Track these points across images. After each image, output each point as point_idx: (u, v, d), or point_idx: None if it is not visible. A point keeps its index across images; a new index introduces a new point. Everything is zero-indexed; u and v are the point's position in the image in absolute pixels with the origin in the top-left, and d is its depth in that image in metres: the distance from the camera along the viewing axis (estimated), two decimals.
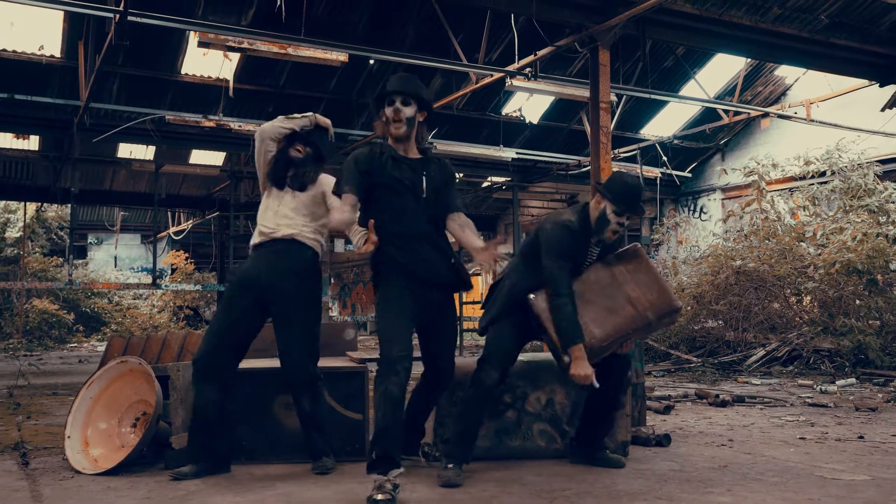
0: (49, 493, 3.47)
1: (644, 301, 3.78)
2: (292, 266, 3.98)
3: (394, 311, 3.60)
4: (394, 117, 3.72)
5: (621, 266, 3.88)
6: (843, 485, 3.56)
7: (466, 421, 3.84)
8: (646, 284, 3.82)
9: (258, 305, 3.98)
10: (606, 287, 3.84)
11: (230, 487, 3.58)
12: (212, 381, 3.83)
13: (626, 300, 3.79)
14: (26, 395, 7.63)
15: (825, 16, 9.66)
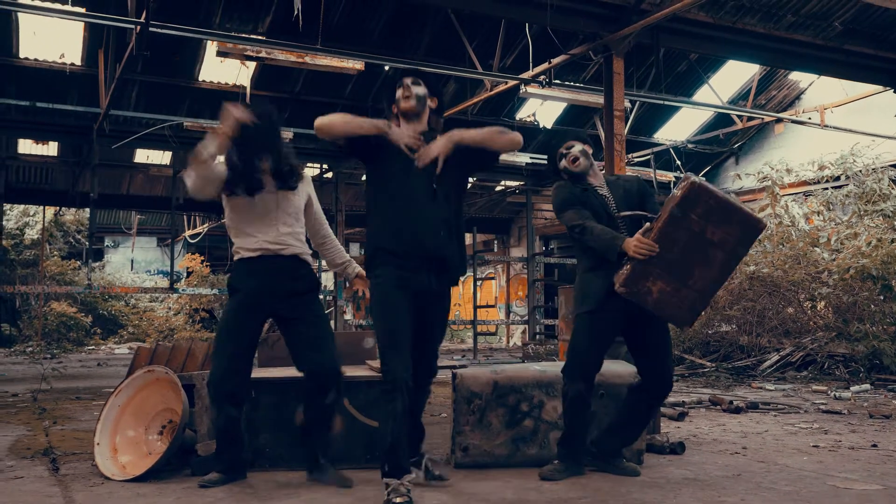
0: (81, 498, 3.59)
1: (730, 240, 3.69)
2: (301, 285, 4.01)
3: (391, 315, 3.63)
4: (404, 93, 3.78)
5: (691, 214, 3.67)
6: (856, 494, 3.63)
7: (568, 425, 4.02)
8: (723, 220, 3.67)
9: (265, 320, 4.08)
10: (688, 244, 3.69)
11: (255, 494, 3.69)
12: (229, 400, 3.89)
13: (712, 247, 3.69)
14: (50, 400, 7.78)
15: (839, 23, 9.70)
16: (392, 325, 3.61)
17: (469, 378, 4.36)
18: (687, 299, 3.72)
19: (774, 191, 12.15)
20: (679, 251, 3.67)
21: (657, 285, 3.69)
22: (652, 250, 3.67)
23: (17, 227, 21.96)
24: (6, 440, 5.27)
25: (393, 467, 3.46)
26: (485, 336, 21.88)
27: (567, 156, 4.12)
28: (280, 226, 4.00)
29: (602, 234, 3.85)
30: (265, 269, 3.97)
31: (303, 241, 4.12)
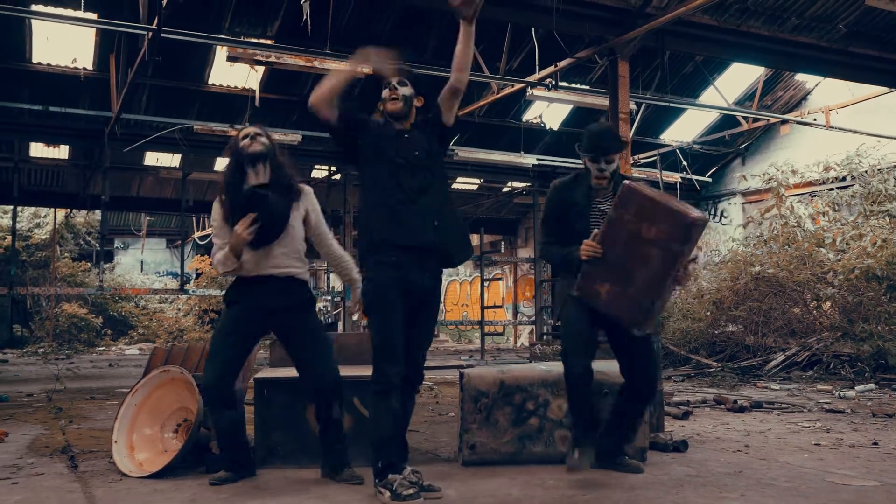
0: (101, 494, 3.70)
1: (663, 237, 3.68)
2: (294, 302, 4.10)
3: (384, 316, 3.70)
4: (390, 95, 3.82)
5: (626, 215, 3.73)
6: (853, 490, 3.72)
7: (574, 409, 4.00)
8: (655, 216, 3.69)
9: (259, 334, 4.17)
10: (626, 243, 3.74)
11: (267, 491, 3.79)
12: (225, 403, 3.99)
13: (648, 245, 3.70)
14: (65, 399, 7.92)
15: (843, 25, 9.77)
16: (385, 326, 3.68)
17: (476, 377, 4.47)
18: (634, 300, 3.75)
19: (780, 192, 12.21)
20: (620, 252, 3.75)
21: (604, 287, 3.79)
22: (595, 251, 3.76)
23: (28, 229, 22.16)
24: (25, 439, 5.40)
25: (389, 464, 3.58)
26: (492, 336, 21.98)
27: (602, 170, 4.04)
28: (275, 248, 4.06)
29: (556, 254, 4.05)
30: (259, 289, 4.06)
31: (300, 260, 4.16)
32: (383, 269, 3.70)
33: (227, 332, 4.05)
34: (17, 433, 5.62)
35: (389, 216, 3.72)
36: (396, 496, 3.45)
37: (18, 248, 19.17)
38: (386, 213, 3.73)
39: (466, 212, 22.01)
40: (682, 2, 8.38)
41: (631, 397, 4.09)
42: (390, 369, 3.66)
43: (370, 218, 3.80)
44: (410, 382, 3.84)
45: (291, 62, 9.29)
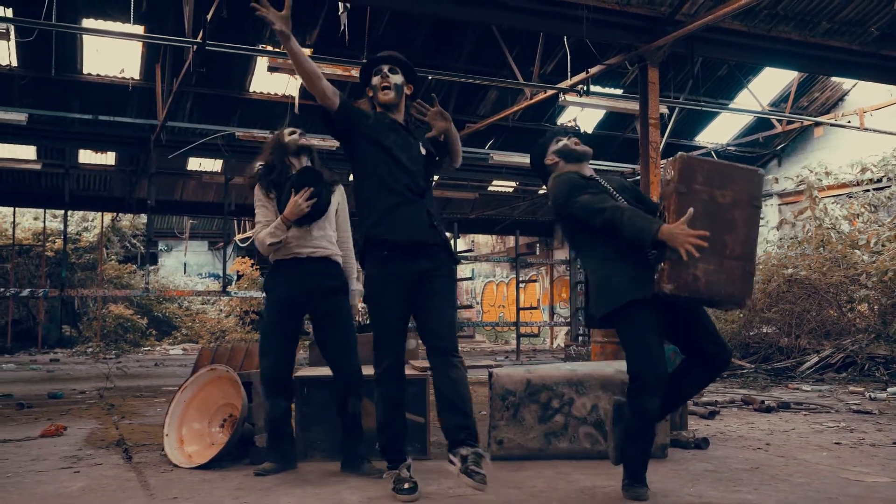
0: (155, 483, 4.01)
1: (742, 196, 3.51)
2: (330, 284, 4.36)
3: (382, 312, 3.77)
4: (381, 83, 3.76)
5: (694, 185, 3.45)
6: (865, 486, 3.88)
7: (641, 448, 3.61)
8: (725, 180, 3.50)
9: (302, 317, 4.44)
10: (706, 216, 3.43)
11: (308, 482, 4.06)
12: (282, 393, 4.31)
13: (729, 210, 3.49)
14: (115, 397, 8.31)
15: (875, 28, 9.79)
16: (379, 319, 3.77)
17: (504, 377, 4.70)
18: (734, 271, 3.46)
19: (813, 194, 12.22)
20: (702, 226, 3.39)
21: (699, 269, 3.40)
22: (702, 236, 3.31)
23: (76, 232, 22.84)
24: (82, 432, 5.75)
25: (385, 449, 3.83)
26: (528, 338, 22.14)
27: (570, 137, 3.91)
28: (314, 230, 4.39)
29: (635, 215, 3.46)
30: (298, 271, 4.35)
31: (334, 244, 4.50)
32: (376, 263, 3.74)
33: (273, 323, 4.35)
34: (74, 427, 5.98)
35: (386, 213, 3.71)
36: (397, 489, 3.63)
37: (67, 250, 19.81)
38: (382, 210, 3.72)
39: (502, 214, 22.22)
40: (712, 8, 8.51)
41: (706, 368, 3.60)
42: (384, 360, 3.77)
43: (368, 213, 3.78)
44: (445, 353, 3.69)
45: (329, 71, 9.60)
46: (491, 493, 3.78)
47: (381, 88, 3.74)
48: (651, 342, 3.44)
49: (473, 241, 27.67)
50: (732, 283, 3.45)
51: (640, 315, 3.45)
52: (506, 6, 8.45)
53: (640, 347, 3.45)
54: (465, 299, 27.64)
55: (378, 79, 3.76)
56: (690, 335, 3.60)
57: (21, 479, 4.11)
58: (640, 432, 3.52)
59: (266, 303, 4.45)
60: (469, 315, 27.38)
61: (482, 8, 8.44)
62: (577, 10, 8.52)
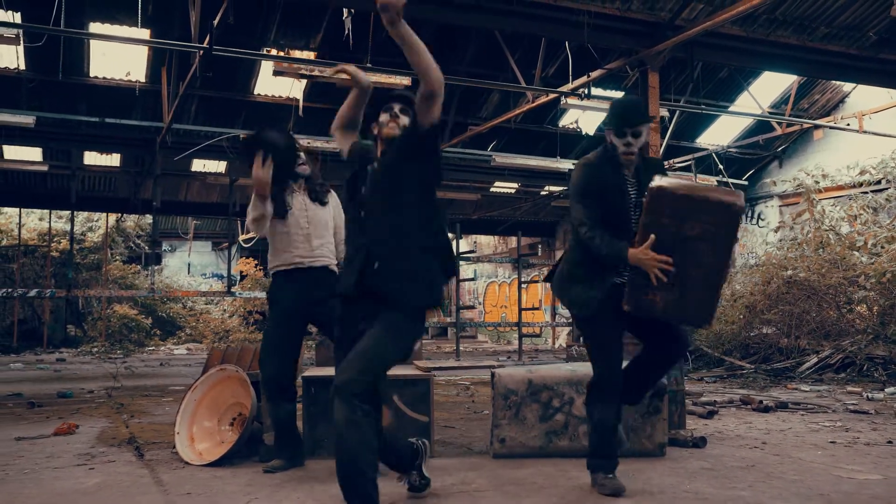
0: (168, 479, 4.13)
1: (709, 229, 3.55)
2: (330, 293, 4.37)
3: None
4: (390, 121, 3.58)
5: (661, 218, 3.56)
6: (856, 483, 3.99)
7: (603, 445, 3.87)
8: (694, 212, 3.55)
9: (305, 326, 4.60)
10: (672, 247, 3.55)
11: (316, 478, 4.19)
12: (285, 395, 4.45)
13: (694, 242, 3.56)
14: (123, 396, 8.44)
15: (873, 32, 9.90)
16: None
17: (506, 377, 4.82)
18: (693, 300, 3.59)
19: (811, 197, 12.33)
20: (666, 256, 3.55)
21: (658, 296, 3.59)
22: (666, 263, 3.51)
23: (81, 233, 22.97)
24: (93, 430, 5.88)
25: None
26: (530, 338, 22.25)
27: (629, 144, 3.78)
28: (314, 239, 4.56)
29: (607, 246, 3.65)
30: (299, 280, 4.53)
31: (333, 252, 4.67)
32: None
33: (275, 331, 4.49)
34: (86, 426, 6.11)
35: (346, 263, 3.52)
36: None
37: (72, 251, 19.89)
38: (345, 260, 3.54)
39: (504, 215, 22.32)
40: (711, 14, 8.64)
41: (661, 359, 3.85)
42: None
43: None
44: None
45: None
46: (493, 489, 3.90)
47: (387, 124, 3.58)
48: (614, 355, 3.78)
49: (476, 242, 27.78)
50: (690, 309, 3.61)
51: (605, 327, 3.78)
52: (508, 12, 8.58)
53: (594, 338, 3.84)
54: (468, 300, 27.76)
55: (386, 116, 3.61)
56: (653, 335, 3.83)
57: (38, 475, 4.24)
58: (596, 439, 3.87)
59: (270, 312, 4.59)
60: (471, 315, 27.50)
61: (485, 14, 8.57)
62: (579, 15, 8.65)
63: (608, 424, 3.81)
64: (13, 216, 21.05)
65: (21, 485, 4.00)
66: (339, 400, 3.04)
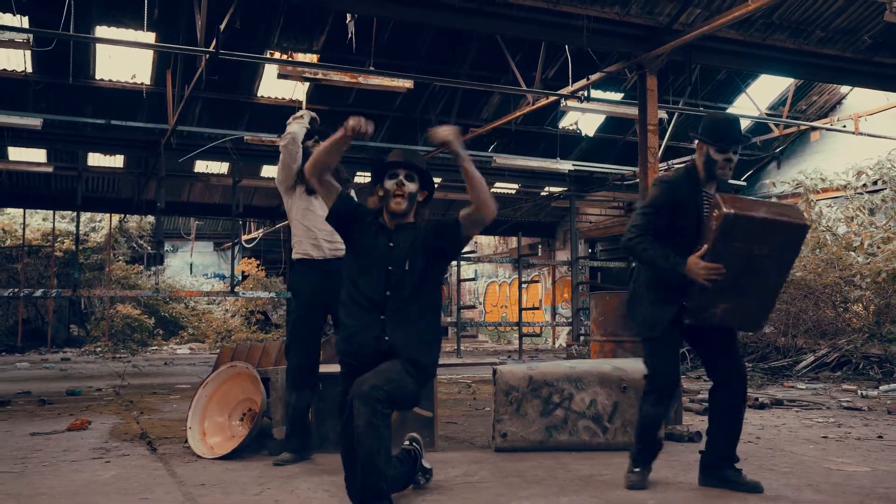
0: (181, 471, 4.29)
1: (777, 249, 3.71)
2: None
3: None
4: (396, 190, 3.49)
5: (734, 243, 3.67)
6: (844, 475, 4.15)
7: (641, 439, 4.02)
8: (765, 236, 3.68)
9: (326, 316, 4.79)
10: (739, 267, 3.68)
11: (325, 470, 4.34)
12: (307, 386, 4.65)
13: (761, 259, 3.69)
14: (130, 394, 8.59)
15: (868, 36, 10.05)
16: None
17: (507, 373, 4.98)
18: (751, 308, 3.79)
19: (808, 198, 12.48)
20: (732, 274, 3.67)
21: (720, 307, 3.73)
22: (717, 272, 3.65)
23: (84, 233, 23.12)
24: (105, 426, 6.04)
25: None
26: (530, 337, 22.40)
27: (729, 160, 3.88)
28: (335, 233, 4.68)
29: (657, 257, 3.80)
30: (323, 270, 4.74)
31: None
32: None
33: (300, 321, 4.70)
34: (97, 422, 6.27)
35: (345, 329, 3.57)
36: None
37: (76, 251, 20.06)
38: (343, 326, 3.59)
39: (505, 215, 22.50)
40: (709, 18, 8.79)
41: (730, 398, 3.97)
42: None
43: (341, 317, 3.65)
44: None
45: (337, 78, 9.86)
46: (496, 480, 4.06)
47: (394, 196, 3.50)
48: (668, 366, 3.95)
49: (476, 242, 27.95)
50: (745, 317, 3.83)
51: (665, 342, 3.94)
52: (509, 17, 8.73)
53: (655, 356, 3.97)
54: (468, 299, 27.91)
55: (393, 185, 3.51)
56: (714, 360, 4.00)
57: (57, 468, 4.40)
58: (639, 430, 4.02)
59: (293, 303, 4.77)
60: (472, 315, 27.65)
61: (486, 18, 8.72)
62: (578, 19, 8.80)
63: (648, 421, 3.99)
64: (16, 216, 21.21)
65: (41, 476, 4.16)
66: (362, 404, 3.15)
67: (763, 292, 3.78)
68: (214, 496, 3.71)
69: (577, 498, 3.68)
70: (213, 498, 3.67)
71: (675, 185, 3.92)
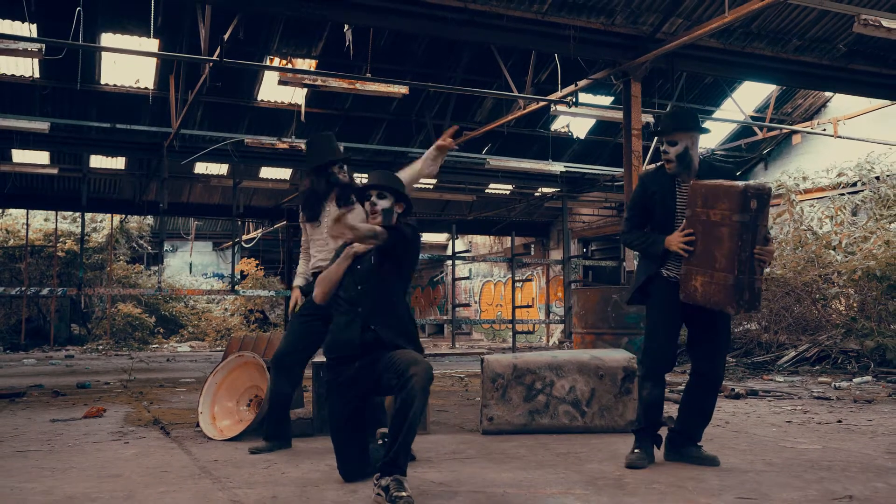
0: (195, 450, 4.71)
1: (726, 213, 3.96)
2: None
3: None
4: (370, 210, 3.98)
5: (696, 208, 4.08)
6: (796, 451, 4.58)
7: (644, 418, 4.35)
8: (714, 199, 4.00)
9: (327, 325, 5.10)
10: (702, 234, 4.05)
11: (327, 450, 4.74)
12: (287, 375, 4.87)
13: (717, 226, 4.00)
14: (138, 387, 9.00)
15: (843, 45, 10.50)
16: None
17: (494, 362, 5.41)
18: (721, 282, 3.99)
19: (791, 198, 12.91)
20: (700, 243, 4.06)
21: (697, 280, 4.07)
22: (690, 240, 4.07)
23: (85, 234, 23.47)
24: (119, 414, 6.46)
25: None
26: (524, 335, 22.84)
27: (665, 152, 4.23)
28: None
29: (636, 240, 4.33)
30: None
31: None
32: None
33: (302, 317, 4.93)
34: (111, 410, 6.68)
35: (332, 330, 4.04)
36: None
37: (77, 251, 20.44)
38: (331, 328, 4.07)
39: (499, 215, 22.92)
40: (690, 28, 9.23)
41: (701, 386, 4.34)
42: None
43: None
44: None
45: (335, 85, 10.28)
46: (481, 457, 4.48)
47: (370, 214, 3.99)
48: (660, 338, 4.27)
49: (471, 242, 28.39)
50: (719, 292, 4.02)
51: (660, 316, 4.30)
52: (499, 27, 9.16)
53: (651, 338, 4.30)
54: (463, 298, 28.36)
55: (368, 206, 4.01)
56: (699, 344, 4.32)
57: (81, 447, 4.82)
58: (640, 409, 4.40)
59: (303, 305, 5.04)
60: (467, 313, 28.09)
61: (478, 29, 9.14)
62: (566, 29, 9.24)
63: (649, 401, 4.30)
64: (18, 217, 21.58)
65: (69, 454, 4.58)
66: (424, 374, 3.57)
67: (725, 263, 3.96)
68: (227, 469, 4.13)
69: (552, 469, 4.10)
70: (226, 471, 4.09)
71: (645, 180, 4.35)
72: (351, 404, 3.89)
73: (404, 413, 3.52)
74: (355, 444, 3.91)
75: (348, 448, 3.88)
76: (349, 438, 3.89)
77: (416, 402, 3.53)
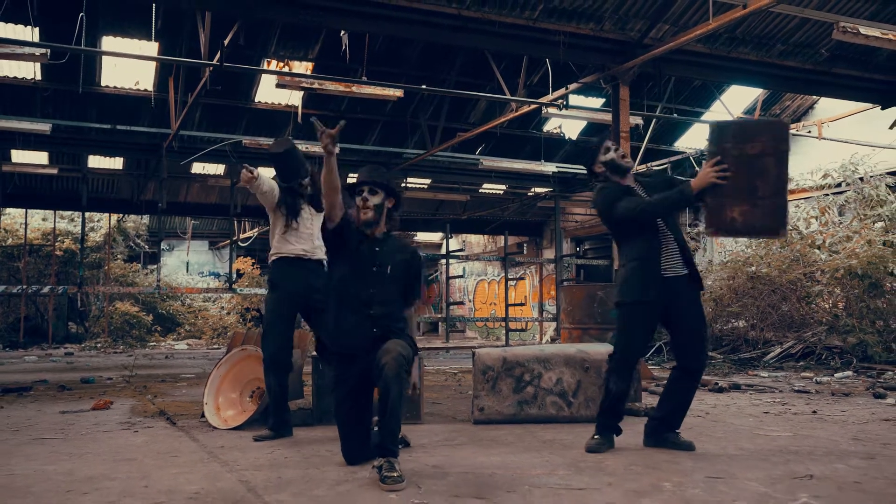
0: (202, 438, 4.98)
1: (768, 145, 4.09)
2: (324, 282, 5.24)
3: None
4: (362, 205, 4.12)
5: (725, 144, 4.15)
6: (768, 438, 4.87)
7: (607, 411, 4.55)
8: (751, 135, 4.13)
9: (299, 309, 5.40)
10: (738, 168, 4.11)
11: (326, 438, 5.01)
12: (282, 369, 5.22)
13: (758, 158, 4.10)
14: (140, 382, 9.26)
15: (825, 49, 10.80)
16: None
17: (484, 355, 5.69)
18: (767, 207, 4.10)
19: None
20: (734, 176, 4.10)
21: (734, 211, 4.11)
22: (724, 170, 4.09)
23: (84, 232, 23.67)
24: (125, 406, 6.72)
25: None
26: (517, 333, 23.12)
27: (616, 150, 4.50)
28: (315, 239, 5.46)
29: (665, 196, 4.31)
30: (300, 268, 5.37)
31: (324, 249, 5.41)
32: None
33: (276, 311, 5.27)
34: (118, 403, 6.95)
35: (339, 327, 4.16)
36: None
37: (75, 250, 20.67)
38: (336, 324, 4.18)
39: (493, 214, 23.22)
40: (677, 34, 9.52)
41: (682, 376, 4.55)
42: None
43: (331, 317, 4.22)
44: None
45: (332, 88, 10.55)
46: (472, 443, 4.76)
47: (361, 209, 4.12)
48: (634, 335, 4.48)
49: (465, 241, 28.67)
50: (766, 216, 4.13)
51: (637, 313, 4.43)
52: (491, 33, 9.43)
53: (622, 335, 4.50)
54: (458, 296, 28.64)
55: (359, 200, 4.13)
56: (680, 339, 4.52)
57: (93, 436, 5.08)
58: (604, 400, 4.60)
59: (272, 295, 5.37)
60: (461, 312, 28.38)
61: (471, 34, 9.42)
62: (556, 35, 9.52)
63: (614, 394, 4.53)
64: (16, 216, 21.78)
65: (83, 441, 4.84)
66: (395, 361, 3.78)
67: (772, 190, 4.10)
68: (233, 454, 4.40)
69: (538, 454, 4.39)
70: (232, 455, 4.36)
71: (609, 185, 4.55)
72: (354, 394, 4.17)
73: (384, 400, 3.78)
74: (358, 430, 4.18)
75: (352, 434, 4.15)
76: (353, 425, 4.17)
77: (391, 388, 3.76)
